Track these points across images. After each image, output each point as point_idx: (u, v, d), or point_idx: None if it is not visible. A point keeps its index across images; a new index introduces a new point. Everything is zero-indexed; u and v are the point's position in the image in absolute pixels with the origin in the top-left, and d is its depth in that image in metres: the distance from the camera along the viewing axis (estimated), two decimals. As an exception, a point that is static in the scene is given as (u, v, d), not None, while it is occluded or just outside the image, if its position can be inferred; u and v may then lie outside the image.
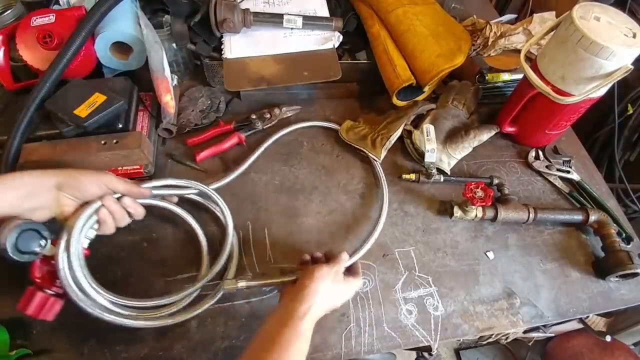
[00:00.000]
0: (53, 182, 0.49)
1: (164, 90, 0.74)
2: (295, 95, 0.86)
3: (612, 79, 0.61)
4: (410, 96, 0.82)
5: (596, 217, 0.70)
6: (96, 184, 0.51)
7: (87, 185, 0.50)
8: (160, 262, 0.63)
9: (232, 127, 0.79)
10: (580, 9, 0.62)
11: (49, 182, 0.48)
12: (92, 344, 0.55)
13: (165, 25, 0.77)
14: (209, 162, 0.75)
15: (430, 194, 0.75)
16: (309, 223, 0.70)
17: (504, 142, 0.85)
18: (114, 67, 0.78)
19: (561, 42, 0.64)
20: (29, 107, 0.64)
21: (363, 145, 0.76)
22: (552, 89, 0.67)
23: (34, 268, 0.49)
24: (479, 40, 0.90)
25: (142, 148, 0.66)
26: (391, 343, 0.59)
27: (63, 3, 0.80)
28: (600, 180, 0.82)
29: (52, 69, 0.65)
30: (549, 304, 0.64)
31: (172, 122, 0.75)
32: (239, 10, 0.79)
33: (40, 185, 0.48)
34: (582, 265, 0.69)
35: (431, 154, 0.72)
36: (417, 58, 0.77)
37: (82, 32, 0.67)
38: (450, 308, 0.63)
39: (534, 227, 0.73)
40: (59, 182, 0.49)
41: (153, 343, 0.56)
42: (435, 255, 0.68)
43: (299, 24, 0.81)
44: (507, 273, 0.67)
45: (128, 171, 0.69)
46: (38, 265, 0.49)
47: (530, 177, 0.80)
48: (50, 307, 0.49)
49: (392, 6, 0.81)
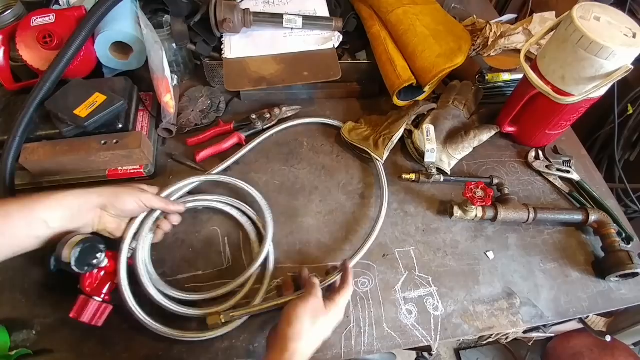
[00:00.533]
0: (97, 202, 0.52)
1: (164, 90, 0.74)
2: (295, 95, 0.86)
3: (612, 79, 0.61)
4: (410, 96, 0.82)
5: (596, 217, 0.70)
6: (136, 203, 0.55)
7: (127, 205, 0.54)
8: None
9: (232, 127, 0.79)
10: (580, 9, 0.62)
11: (93, 203, 0.52)
12: (92, 344, 0.55)
13: (165, 25, 0.77)
14: (209, 162, 0.75)
15: (430, 194, 0.75)
16: (309, 223, 0.70)
17: (504, 142, 0.85)
18: (114, 67, 0.78)
19: (561, 42, 0.64)
20: (29, 107, 0.65)
21: (366, 146, 0.76)
22: (552, 89, 0.67)
23: (85, 278, 0.52)
24: (479, 40, 0.90)
25: (142, 148, 0.66)
26: (391, 343, 0.59)
27: (63, 3, 0.80)
28: (600, 180, 0.82)
29: (52, 69, 0.65)
30: (549, 304, 0.64)
31: (172, 122, 0.75)
32: (239, 10, 0.79)
33: (85, 206, 0.51)
34: (582, 265, 0.69)
35: (431, 154, 0.73)
36: (417, 58, 0.77)
37: (82, 32, 0.67)
38: (450, 308, 0.63)
39: (534, 227, 0.73)
40: (102, 203, 0.52)
41: (153, 343, 0.56)
42: (435, 255, 0.68)
43: (299, 24, 0.81)
44: (507, 273, 0.67)
45: (128, 171, 0.69)
46: (88, 275, 0.52)
47: (530, 177, 0.80)
48: (102, 313, 0.52)
49: (392, 6, 0.81)
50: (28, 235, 0.47)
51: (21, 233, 0.46)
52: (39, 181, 0.68)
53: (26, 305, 0.58)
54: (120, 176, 0.69)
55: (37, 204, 0.47)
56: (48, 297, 0.58)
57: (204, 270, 0.63)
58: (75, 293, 0.52)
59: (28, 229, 0.47)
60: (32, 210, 0.47)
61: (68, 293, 0.53)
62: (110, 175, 0.69)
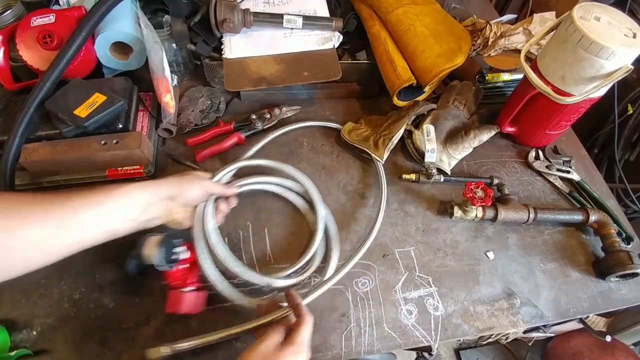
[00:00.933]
0: (165, 194, 0.52)
1: (164, 90, 0.74)
2: (295, 95, 0.86)
3: (612, 79, 0.61)
4: (410, 96, 0.82)
5: (596, 217, 0.70)
6: (199, 191, 0.56)
7: (193, 193, 0.56)
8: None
9: (232, 127, 0.79)
10: (580, 9, 0.62)
11: (162, 194, 0.52)
12: (92, 344, 0.55)
13: (165, 25, 0.77)
14: (209, 162, 0.75)
15: (431, 194, 0.75)
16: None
17: (504, 142, 0.85)
18: (114, 67, 0.78)
19: (561, 42, 0.64)
20: (29, 107, 0.65)
21: (366, 147, 0.76)
22: (552, 89, 0.67)
23: (170, 273, 0.54)
24: (479, 40, 0.90)
25: (142, 148, 0.66)
26: (391, 343, 0.59)
27: (63, 3, 0.80)
28: (600, 180, 0.82)
29: (52, 69, 0.65)
30: (549, 304, 0.64)
31: (172, 122, 0.75)
32: (239, 10, 0.79)
33: (154, 198, 0.51)
34: (582, 265, 0.69)
35: (431, 154, 0.73)
36: (417, 58, 0.77)
37: (82, 32, 0.67)
38: (451, 308, 0.63)
39: (534, 227, 0.73)
40: (171, 194, 0.53)
41: (153, 343, 0.55)
42: (435, 255, 0.68)
43: (299, 24, 0.81)
44: (507, 273, 0.67)
45: (128, 171, 0.69)
46: (171, 270, 0.54)
47: (530, 177, 0.80)
48: (201, 300, 0.55)
49: (392, 6, 0.81)
50: (98, 230, 0.46)
51: (91, 228, 0.46)
52: (39, 181, 0.68)
53: (26, 305, 0.58)
54: (120, 176, 0.69)
55: (107, 198, 0.47)
56: (47, 296, 0.59)
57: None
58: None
59: (98, 224, 0.46)
60: (102, 204, 0.46)
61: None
62: (110, 175, 0.69)
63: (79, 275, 0.61)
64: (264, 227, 0.68)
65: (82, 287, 0.60)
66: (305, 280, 0.62)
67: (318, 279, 0.63)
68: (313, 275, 0.63)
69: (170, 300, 0.54)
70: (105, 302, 0.59)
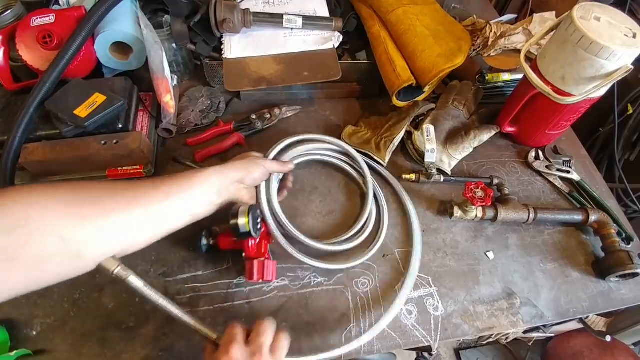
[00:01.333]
0: (236, 177, 0.55)
1: (164, 90, 0.74)
2: (295, 95, 0.86)
3: (612, 79, 0.61)
4: (410, 96, 0.82)
5: (596, 217, 0.70)
6: (262, 172, 0.59)
7: (257, 173, 0.58)
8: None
9: (232, 127, 0.79)
10: (580, 9, 0.62)
11: (233, 177, 0.54)
12: (92, 344, 0.55)
13: (165, 25, 0.77)
14: (210, 162, 0.75)
15: (431, 194, 0.75)
16: (309, 223, 0.70)
17: (504, 142, 0.85)
18: (114, 67, 0.78)
19: (561, 42, 0.64)
20: (29, 107, 0.64)
21: (368, 149, 0.76)
22: (552, 89, 0.67)
23: (250, 245, 0.57)
24: (479, 40, 0.90)
25: (142, 148, 0.66)
26: (391, 343, 0.59)
27: (63, 3, 0.80)
28: (600, 180, 0.82)
29: (52, 69, 0.65)
30: (549, 304, 0.64)
31: (172, 122, 0.75)
32: (239, 10, 0.79)
33: (226, 181, 0.53)
34: (582, 265, 0.69)
35: (431, 154, 0.72)
36: (417, 58, 0.77)
37: (82, 32, 0.67)
38: (451, 308, 0.63)
39: (534, 227, 0.73)
40: (240, 177, 0.55)
41: (153, 343, 0.56)
42: (435, 255, 0.68)
43: (299, 24, 0.81)
44: (507, 273, 0.67)
45: (128, 171, 0.69)
46: (251, 241, 0.58)
47: (530, 177, 0.80)
48: (274, 269, 0.58)
49: (392, 6, 0.81)
50: (184, 214, 0.48)
51: (180, 212, 0.47)
52: (39, 181, 0.68)
53: (26, 305, 0.58)
54: (121, 176, 0.69)
55: (193, 183, 0.49)
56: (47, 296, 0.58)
57: (203, 270, 0.63)
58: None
59: (186, 208, 0.48)
60: (190, 189, 0.48)
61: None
62: (110, 175, 0.69)
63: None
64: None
65: (82, 287, 0.60)
66: (356, 246, 0.66)
67: (318, 279, 0.63)
68: (313, 275, 0.63)
69: (255, 269, 0.56)
70: (105, 302, 0.59)
